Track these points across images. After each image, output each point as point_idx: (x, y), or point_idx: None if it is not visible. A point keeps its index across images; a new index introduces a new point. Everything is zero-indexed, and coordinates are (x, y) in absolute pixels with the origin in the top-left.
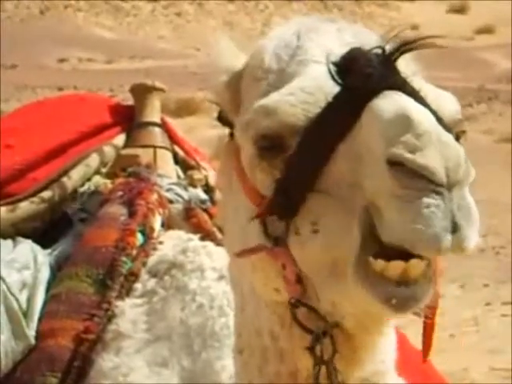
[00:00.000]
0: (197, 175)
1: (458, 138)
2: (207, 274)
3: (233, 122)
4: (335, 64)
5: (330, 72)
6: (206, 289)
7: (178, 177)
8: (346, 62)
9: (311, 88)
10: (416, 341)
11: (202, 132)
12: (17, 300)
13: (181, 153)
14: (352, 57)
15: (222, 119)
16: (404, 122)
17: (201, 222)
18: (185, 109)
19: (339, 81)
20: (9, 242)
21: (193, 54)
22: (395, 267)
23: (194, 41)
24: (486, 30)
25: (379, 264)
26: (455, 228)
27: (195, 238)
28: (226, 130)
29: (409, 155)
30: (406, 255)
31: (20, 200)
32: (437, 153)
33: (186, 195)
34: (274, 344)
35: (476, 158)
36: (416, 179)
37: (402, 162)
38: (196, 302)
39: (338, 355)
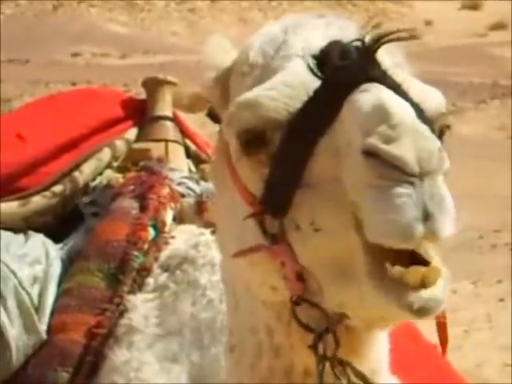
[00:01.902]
0: (208, 169)
1: (442, 132)
2: (218, 269)
3: (222, 118)
4: (314, 57)
5: (309, 66)
6: (217, 283)
7: (190, 171)
8: (324, 55)
9: (293, 82)
10: (429, 335)
11: (216, 127)
12: (28, 294)
13: (193, 147)
14: (330, 50)
15: (212, 116)
16: (380, 114)
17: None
18: (198, 104)
19: (318, 74)
20: (20, 236)
21: None
22: (415, 273)
23: (207, 36)
24: (500, 27)
25: (397, 270)
26: (427, 216)
27: (207, 232)
28: (217, 127)
29: (383, 146)
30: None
31: (32, 194)
32: (410, 143)
33: (197, 189)
34: (269, 339)
35: (489, 153)
36: (390, 169)
37: (376, 153)
38: (206, 296)
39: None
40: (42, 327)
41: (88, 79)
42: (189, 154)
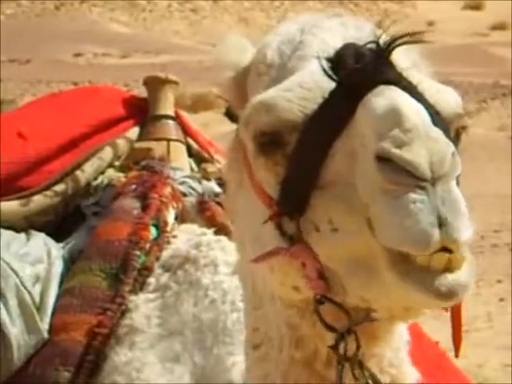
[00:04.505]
0: (211, 168)
1: (458, 134)
2: (220, 269)
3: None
4: (329, 60)
5: (323, 68)
6: (219, 283)
7: (192, 170)
8: (339, 57)
9: (309, 84)
10: (432, 333)
11: (219, 127)
12: (30, 294)
13: (195, 146)
14: (345, 52)
15: (231, 115)
16: (393, 117)
17: (214, 215)
18: (200, 104)
19: (333, 76)
20: (22, 235)
21: (208, 50)
22: (441, 258)
23: (209, 36)
24: (502, 27)
25: (423, 259)
26: (441, 222)
27: (209, 232)
28: (234, 126)
29: (395, 150)
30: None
31: (33, 193)
32: (422, 148)
33: (199, 188)
34: (291, 332)
35: (490, 153)
36: (402, 174)
37: (389, 157)
38: (208, 297)
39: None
40: (44, 326)
41: (89, 79)
42: (191, 152)
